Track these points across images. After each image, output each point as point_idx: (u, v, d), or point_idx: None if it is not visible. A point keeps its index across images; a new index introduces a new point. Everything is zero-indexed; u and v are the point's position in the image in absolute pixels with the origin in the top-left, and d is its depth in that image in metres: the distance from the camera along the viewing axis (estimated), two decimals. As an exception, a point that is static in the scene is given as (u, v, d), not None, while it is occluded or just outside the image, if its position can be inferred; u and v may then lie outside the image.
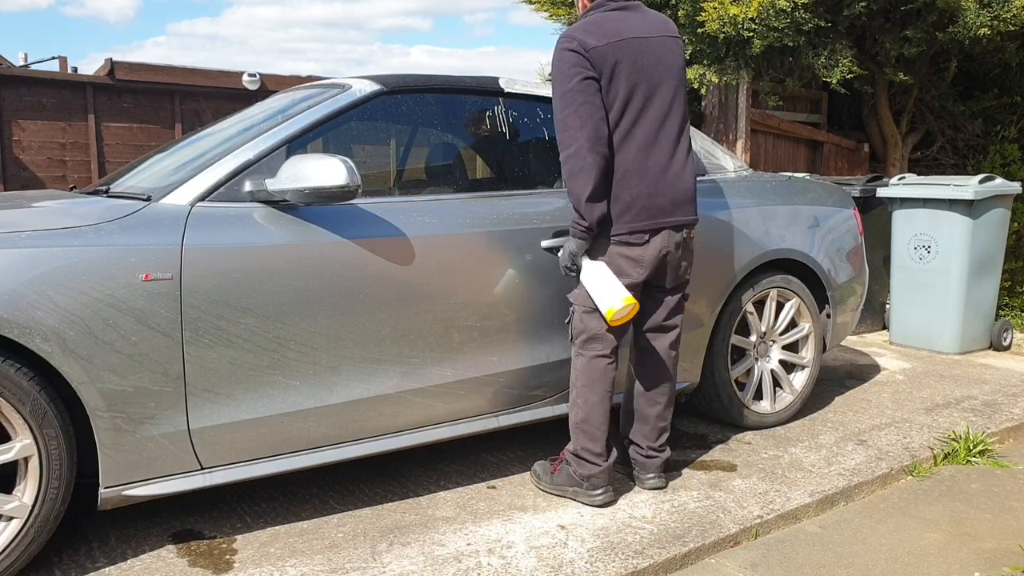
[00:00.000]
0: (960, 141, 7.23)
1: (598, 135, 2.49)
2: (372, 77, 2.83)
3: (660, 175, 2.59)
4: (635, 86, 2.55)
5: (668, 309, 2.77)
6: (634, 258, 2.60)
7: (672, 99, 2.63)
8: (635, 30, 2.58)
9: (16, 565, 2.13)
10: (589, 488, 2.68)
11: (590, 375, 2.65)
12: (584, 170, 2.48)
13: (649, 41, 2.59)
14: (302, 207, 2.46)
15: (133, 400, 2.19)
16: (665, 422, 2.84)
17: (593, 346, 2.65)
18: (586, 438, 2.67)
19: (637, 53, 2.55)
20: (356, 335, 2.50)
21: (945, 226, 4.77)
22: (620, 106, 2.54)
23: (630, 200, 2.56)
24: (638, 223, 2.58)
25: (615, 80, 2.52)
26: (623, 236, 2.58)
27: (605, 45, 2.51)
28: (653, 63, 2.58)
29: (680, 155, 2.65)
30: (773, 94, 6.78)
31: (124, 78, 7.45)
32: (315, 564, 2.31)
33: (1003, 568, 2.43)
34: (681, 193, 2.64)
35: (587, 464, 2.67)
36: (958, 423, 3.58)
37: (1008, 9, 5.28)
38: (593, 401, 2.65)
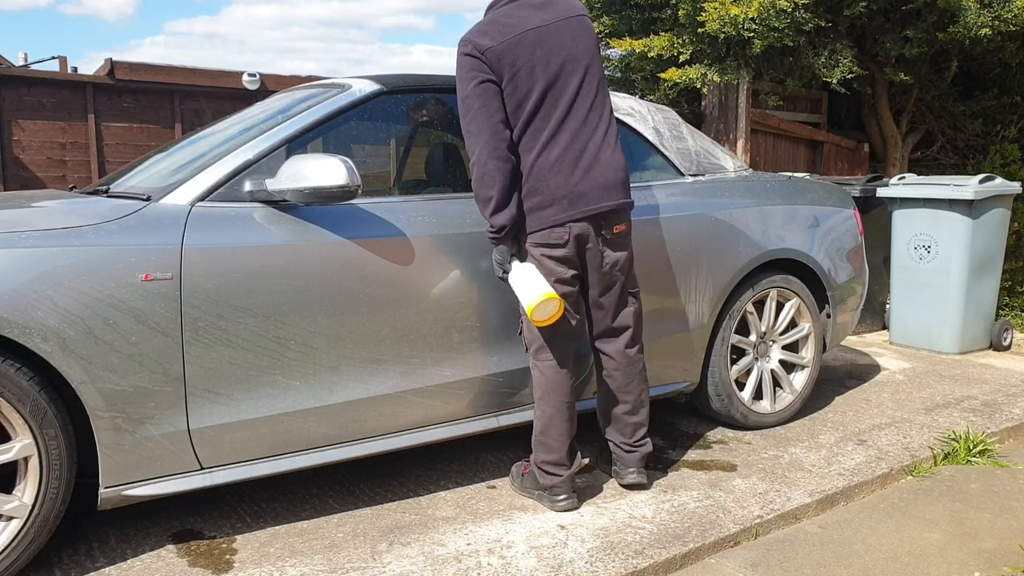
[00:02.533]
0: (960, 141, 7.23)
1: (497, 140, 2.44)
2: (372, 77, 2.83)
3: (572, 167, 2.51)
4: (536, 80, 2.48)
5: (611, 311, 2.70)
6: (556, 257, 2.55)
7: (581, 84, 2.54)
8: (531, 21, 2.51)
9: (16, 565, 2.13)
10: (552, 495, 2.65)
11: (545, 386, 2.61)
12: (486, 176, 2.45)
13: (546, 29, 2.51)
14: (302, 207, 2.46)
15: (133, 400, 2.19)
16: (638, 418, 2.79)
17: (545, 355, 2.61)
18: (544, 451, 2.64)
19: (535, 45, 2.49)
20: (356, 335, 2.50)
21: (945, 226, 4.77)
22: (525, 103, 2.48)
23: (546, 195, 2.50)
24: (558, 216, 2.50)
25: (515, 78, 2.47)
26: (542, 234, 2.52)
27: (500, 44, 2.46)
28: (553, 51, 2.51)
29: (595, 141, 2.55)
30: (773, 94, 6.79)
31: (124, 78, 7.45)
32: (315, 564, 2.31)
33: (1003, 568, 2.43)
34: (598, 180, 2.54)
35: (547, 476, 2.65)
36: (958, 423, 3.58)
37: (1008, 9, 5.28)
38: (549, 413, 2.61)
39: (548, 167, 2.50)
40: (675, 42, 6.08)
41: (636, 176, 3.24)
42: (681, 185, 3.30)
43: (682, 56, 6.08)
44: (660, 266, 3.09)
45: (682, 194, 3.25)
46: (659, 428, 3.51)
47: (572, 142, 2.52)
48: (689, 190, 3.29)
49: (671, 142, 3.39)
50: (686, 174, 3.37)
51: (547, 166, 2.50)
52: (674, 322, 3.17)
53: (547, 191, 2.51)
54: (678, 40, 6.07)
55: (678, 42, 6.07)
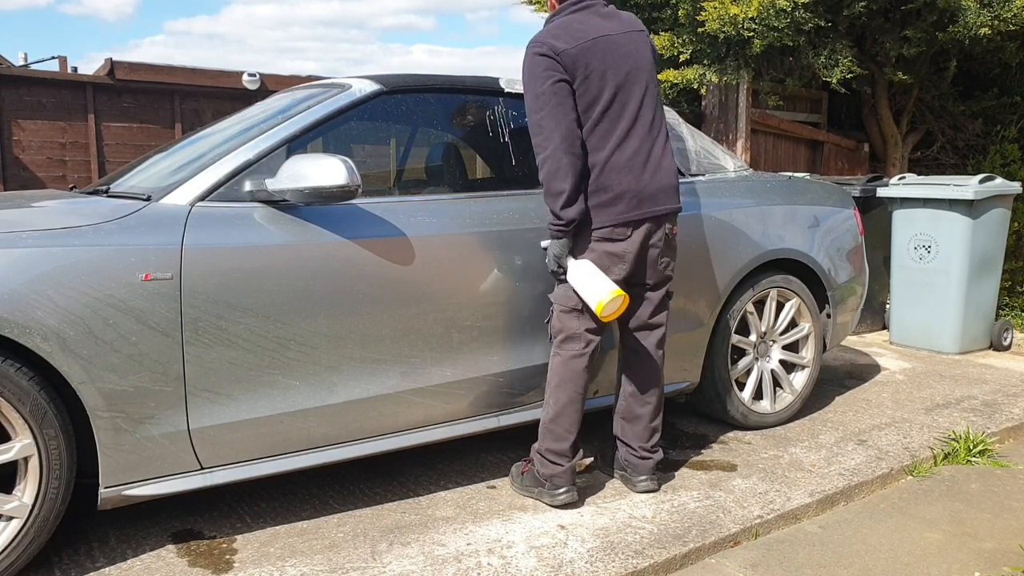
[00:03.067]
0: (960, 141, 7.23)
1: (572, 136, 2.53)
2: (372, 77, 2.83)
3: (641, 168, 2.62)
4: (607, 84, 2.58)
5: (652, 306, 2.77)
6: (617, 253, 2.61)
7: (644, 93, 2.66)
8: (601, 29, 2.62)
9: (16, 565, 2.13)
10: (551, 488, 2.67)
11: (563, 375, 2.65)
12: (559, 171, 2.51)
13: (616, 38, 2.63)
14: (302, 207, 2.46)
15: (133, 400, 2.19)
16: (656, 422, 2.84)
17: (571, 346, 2.65)
18: (552, 438, 2.67)
19: (605, 52, 2.59)
20: (356, 335, 2.50)
21: (945, 226, 4.77)
22: (596, 104, 2.57)
23: (613, 195, 2.58)
24: (622, 216, 2.59)
25: (588, 80, 2.56)
26: (606, 231, 2.59)
27: (575, 47, 2.55)
28: (622, 59, 2.62)
29: (658, 146, 2.68)
30: (773, 94, 6.79)
31: (124, 78, 7.44)
32: (315, 564, 2.31)
33: (1003, 568, 2.43)
34: (663, 183, 2.66)
35: (549, 464, 2.67)
36: (958, 423, 3.58)
37: (1008, 9, 5.28)
38: (564, 401, 2.65)
39: (620, 166, 2.59)
40: (675, 42, 6.08)
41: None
42: (681, 185, 3.29)
43: (682, 56, 6.08)
44: (660, 266, 3.09)
45: (682, 194, 3.25)
46: (659, 428, 3.51)
47: (641, 145, 2.63)
48: (689, 190, 3.29)
49: (671, 142, 3.38)
50: (686, 174, 3.37)
51: (619, 165, 2.59)
52: (674, 322, 3.16)
53: (618, 188, 2.58)
54: (678, 40, 6.07)
55: (678, 42, 6.07)
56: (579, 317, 2.63)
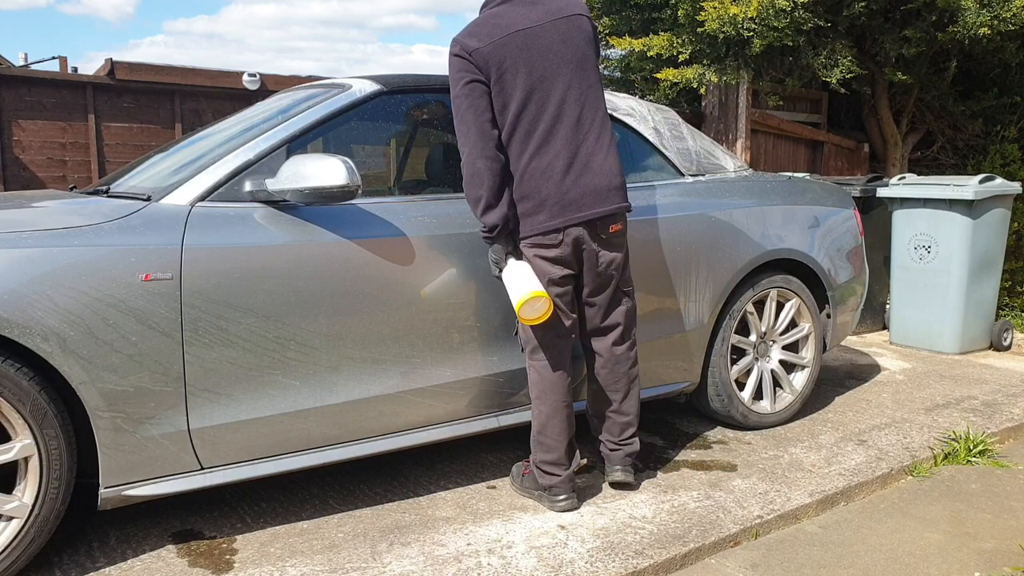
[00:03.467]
0: (960, 141, 7.23)
1: (485, 139, 2.45)
2: (372, 77, 2.83)
3: (563, 173, 2.50)
4: (521, 82, 2.47)
5: (599, 312, 2.69)
6: (550, 258, 2.54)
7: (568, 88, 2.51)
8: (520, 22, 2.50)
9: (16, 565, 2.13)
10: (551, 495, 2.65)
11: (541, 386, 2.61)
12: (475, 176, 2.46)
13: (535, 30, 2.50)
14: (302, 207, 2.46)
15: (133, 400, 2.19)
16: (626, 417, 2.77)
17: (539, 356, 2.61)
18: (543, 451, 2.64)
19: (524, 46, 2.48)
20: (356, 335, 2.50)
21: (945, 226, 4.77)
22: (511, 105, 2.48)
23: (537, 201, 2.50)
24: (544, 225, 2.50)
25: (502, 79, 2.46)
26: (535, 239, 2.52)
27: (488, 45, 2.46)
28: (540, 54, 2.49)
29: (588, 146, 2.53)
30: (773, 94, 6.79)
31: (124, 78, 7.45)
32: (315, 564, 2.31)
33: (1003, 568, 2.43)
34: (592, 185, 2.52)
35: (546, 476, 2.65)
36: (958, 423, 3.58)
37: (1008, 9, 5.28)
38: (546, 412, 2.61)
39: (539, 172, 2.49)
40: (674, 42, 6.08)
41: (636, 176, 3.24)
42: (681, 185, 3.30)
43: (681, 56, 6.09)
44: (660, 266, 3.09)
45: (682, 194, 3.25)
46: (659, 428, 3.52)
47: (563, 147, 2.50)
48: (689, 190, 3.29)
49: (671, 142, 3.39)
50: (686, 174, 3.37)
51: (538, 171, 2.49)
52: (674, 322, 3.17)
53: (538, 197, 2.50)
54: (677, 40, 6.08)
55: (677, 42, 6.07)
56: (544, 326, 2.57)
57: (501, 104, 2.48)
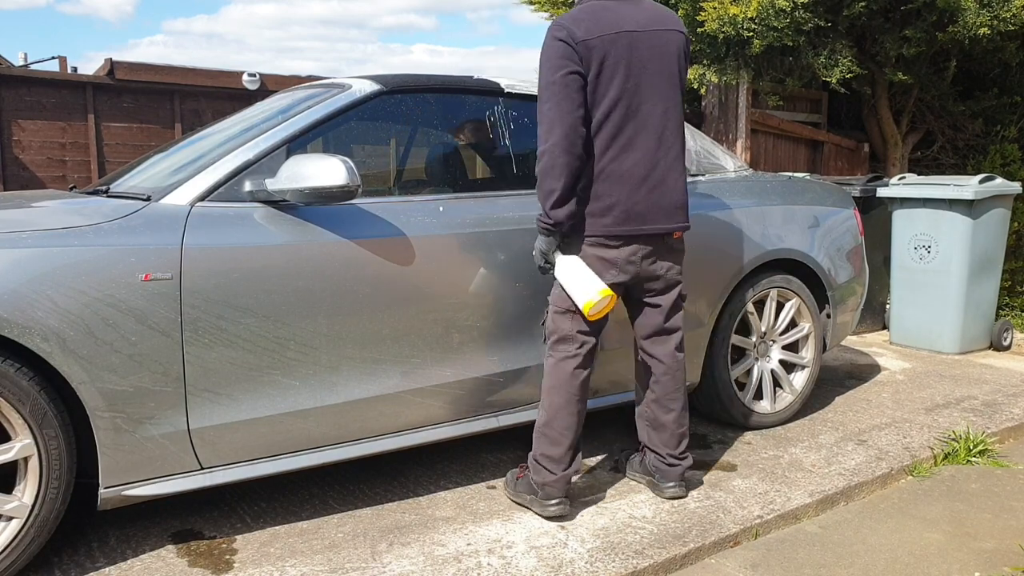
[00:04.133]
0: (960, 141, 7.23)
1: (574, 134, 2.40)
2: (372, 77, 2.83)
3: (641, 181, 2.50)
4: (621, 83, 2.44)
5: (663, 313, 2.67)
6: (609, 259, 2.53)
7: (663, 99, 2.51)
8: (630, 22, 2.46)
9: (16, 565, 2.13)
10: (543, 497, 2.57)
11: (557, 377, 2.56)
12: (555, 169, 2.41)
13: (643, 35, 2.47)
14: (302, 207, 2.46)
15: (133, 400, 2.19)
16: (683, 428, 2.73)
17: (563, 348, 2.57)
18: (547, 442, 2.57)
19: (629, 48, 2.44)
20: (356, 335, 2.50)
21: (945, 226, 4.77)
22: (605, 104, 2.45)
23: (605, 205, 2.48)
24: (613, 229, 2.50)
25: (602, 76, 2.42)
26: (597, 239, 2.51)
27: (595, 38, 2.40)
28: (645, 60, 2.47)
29: (666, 160, 2.54)
30: (773, 94, 6.78)
31: (124, 78, 7.45)
32: (315, 564, 2.31)
33: (1003, 568, 2.43)
34: (664, 201, 2.53)
35: (543, 471, 2.57)
36: (958, 423, 3.58)
37: (1008, 9, 5.28)
38: (558, 404, 2.56)
39: (617, 176, 2.48)
40: (675, 42, 6.07)
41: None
42: (681, 185, 3.30)
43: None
44: (660, 266, 3.09)
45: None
46: (659, 428, 3.52)
47: (644, 157, 2.49)
48: (689, 190, 3.28)
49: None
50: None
51: (616, 175, 2.48)
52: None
53: (610, 199, 2.48)
54: (678, 40, 6.06)
55: (678, 42, 6.06)
56: (572, 318, 2.55)
57: (595, 100, 2.44)
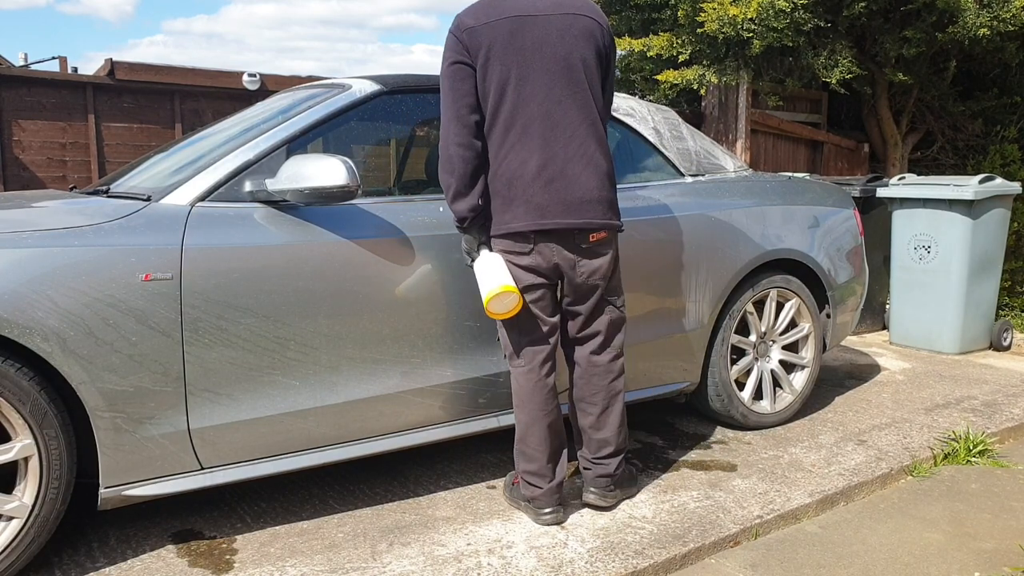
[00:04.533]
0: (960, 141, 7.23)
1: (460, 125, 2.34)
2: (372, 77, 2.83)
3: (535, 176, 2.35)
4: (504, 71, 2.33)
5: (582, 319, 2.54)
6: (524, 265, 2.43)
7: (561, 87, 2.36)
8: (524, 7, 2.36)
9: (16, 565, 2.13)
10: (535, 507, 2.55)
11: (521, 394, 2.51)
12: (447, 162, 2.37)
13: (538, 20, 2.35)
14: (302, 207, 2.46)
15: (133, 400, 2.19)
16: (602, 434, 2.59)
17: (517, 362, 2.52)
18: (524, 460, 2.54)
19: (516, 33, 2.33)
20: (356, 335, 2.50)
21: (945, 226, 4.77)
22: (493, 94, 2.35)
23: (506, 199, 2.39)
24: (513, 224, 2.38)
25: (489, 64, 2.33)
26: (507, 241, 2.41)
27: (482, 25, 2.33)
28: (536, 44, 2.34)
29: (566, 152, 2.36)
30: (773, 94, 6.79)
31: (124, 78, 7.45)
32: (315, 564, 2.31)
33: (1003, 568, 2.43)
34: (567, 196, 2.36)
35: (529, 486, 2.55)
36: (958, 423, 3.58)
37: (1008, 9, 5.29)
38: (525, 421, 2.51)
39: (511, 171, 2.38)
40: (674, 42, 6.09)
41: (636, 176, 3.25)
42: (681, 185, 3.30)
43: (681, 56, 6.09)
44: (660, 266, 3.10)
45: (682, 194, 3.25)
46: (659, 428, 3.52)
47: (538, 149, 2.36)
48: (689, 190, 3.29)
49: (671, 142, 3.39)
50: (686, 174, 3.38)
51: (510, 170, 2.38)
52: (674, 322, 3.17)
53: (507, 196, 2.39)
54: (677, 40, 6.08)
55: (677, 42, 6.07)
56: (520, 331, 2.48)
57: (483, 91, 2.36)
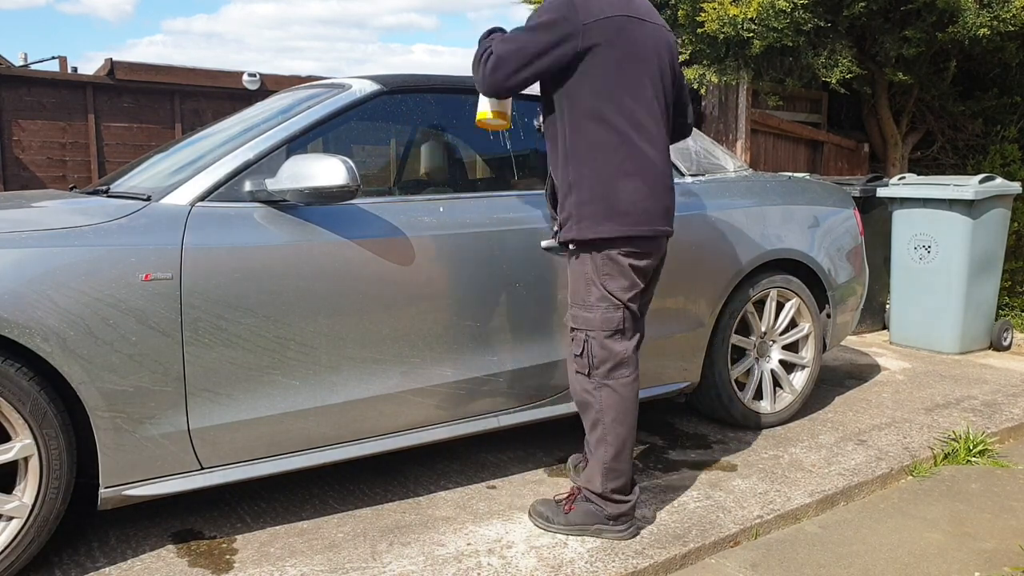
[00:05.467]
0: (960, 141, 7.23)
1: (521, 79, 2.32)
2: (372, 77, 2.83)
3: (660, 175, 2.39)
4: (639, 69, 2.35)
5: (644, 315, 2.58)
6: (643, 268, 2.42)
7: (667, 94, 2.45)
8: (640, 11, 2.40)
9: (16, 565, 2.13)
10: (619, 524, 2.46)
11: (621, 407, 2.38)
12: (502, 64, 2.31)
13: (652, 27, 2.42)
14: (302, 207, 2.46)
15: (133, 400, 2.19)
16: None
17: (621, 373, 2.39)
18: (615, 477, 2.41)
19: (645, 34, 2.38)
20: (356, 335, 2.50)
21: (945, 226, 4.77)
22: (622, 84, 2.33)
23: (631, 199, 2.33)
24: (640, 228, 2.35)
25: (614, 51, 2.32)
26: (636, 241, 2.35)
27: (607, 18, 2.32)
28: (658, 49, 2.41)
29: (668, 162, 2.46)
30: (773, 94, 6.78)
31: (124, 78, 7.45)
32: (315, 564, 2.31)
33: (1003, 568, 2.43)
34: (672, 202, 2.47)
35: (616, 504, 2.44)
36: (958, 423, 3.58)
37: (1008, 9, 5.28)
38: (624, 436, 2.41)
39: (639, 166, 2.35)
40: (674, 42, 6.08)
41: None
42: (681, 185, 3.30)
43: (681, 56, 6.09)
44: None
45: (682, 194, 3.25)
46: (659, 428, 3.52)
47: (657, 150, 2.39)
48: (689, 190, 3.29)
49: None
50: (686, 174, 3.37)
51: (639, 165, 2.35)
52: (674, 322, 3.17)
53: (636, 193, 2.35)
54: (677, 40, 6.08)
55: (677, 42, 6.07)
56: (622, 339, 2.39)
57: (604, 76, 2.32)
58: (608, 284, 2.38)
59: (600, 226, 2.34)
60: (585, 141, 2.35)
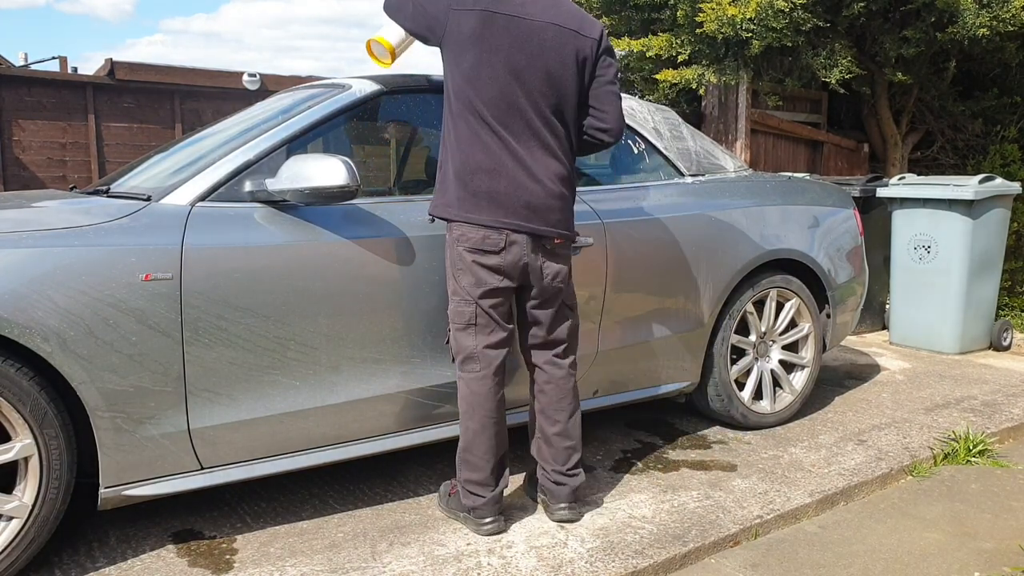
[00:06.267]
0: (960, 141, 7.23)
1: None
2: (372, 77, 2.84)
3: (516, 170, 2.38)
4: (507, 63, 2.35)
5: (547, 326, 2.54)
6: (492, 266, 2.40)
7: (555, 94, 2.41)
8: (527, 8, 2.39)
9: (16, 565, 2.13)
10: (476, 517, 2.49)
11: (470, 400, 2.44)
12: None
13: (532, 24, 2.38)
14: (302, 207, 2.47)
15: (133, 400, 2.19)
16: (571, 441, 2.58)
17: (470, 366, 2.45)
18: (468, 469, 2.48)
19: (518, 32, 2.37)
20: (356, 335, 2.50)
21: (945, 226, 4.77)
22: (477, 78, 2.36)
23: (477, 190, 2.37)
24: (486, 217, 2.36)
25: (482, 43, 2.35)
26: (476, 239, 2.37)
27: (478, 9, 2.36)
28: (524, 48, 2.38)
29: (542, 156, 2.42)
30: (773, 94, 6.79)
31: (124, 78, 7.45)
32: (315, 564, 2.31)
33: (1003, 568, 2.43)
34: (539, 199, 2.40)
35: (471, 496, 2.49)
36: (958, 423, 3.58)
37: (1007, 9, 5.29)
38: (474, 429, 2.45)
39: (492, 159, 2.37)
40: (673, 42, 6.08)
41: (636, 176, 3.25)
42: (681, 185, 3.30)
43: (680, 56, 6.09)
44: (660, 266, 3.10)
45: (682, 194, 3.26)
46: (659, 428, 3.52)
47: (523, 147, 2.39)
48: (689, 190, 3.29)
49: (671, 142, 3.39)
50: (686, 174, 3.38)
51: (491, 157, 2.37)
52: (674, 322, 3.17)
53: (485, 185, 2.38)
54: (676, 40, 6.08)
55: (676, 42, 6.07)
56: (474, 334, 2.43)
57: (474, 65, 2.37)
58: (460, 279, 2.45)
59: (449, 208, 2.43)
60: (450, 127, 2.45)
